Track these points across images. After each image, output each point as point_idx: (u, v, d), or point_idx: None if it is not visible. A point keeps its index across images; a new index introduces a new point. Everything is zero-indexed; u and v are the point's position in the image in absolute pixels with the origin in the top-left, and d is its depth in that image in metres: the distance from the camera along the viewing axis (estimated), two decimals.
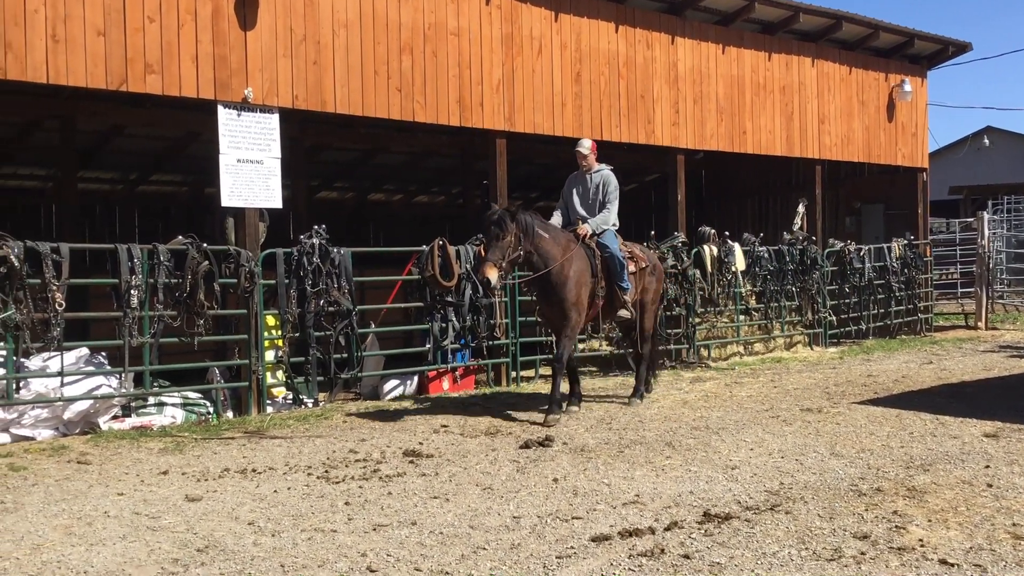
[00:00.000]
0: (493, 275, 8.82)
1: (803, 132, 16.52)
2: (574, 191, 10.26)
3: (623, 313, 10.01)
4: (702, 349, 14.34)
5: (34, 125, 14.58)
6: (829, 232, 18.25)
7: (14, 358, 8.75)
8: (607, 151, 18.55)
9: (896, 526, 5.44)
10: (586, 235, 9.77)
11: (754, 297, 15.35)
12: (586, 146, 10.24)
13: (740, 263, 14.65)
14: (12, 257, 8.54)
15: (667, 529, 5.41)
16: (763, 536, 5.27)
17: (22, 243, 8.70)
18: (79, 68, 9.17)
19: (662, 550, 5.00)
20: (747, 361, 14.62)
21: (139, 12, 9.48)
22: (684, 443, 7.97)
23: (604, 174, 10.12)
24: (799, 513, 5.74)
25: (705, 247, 14.27)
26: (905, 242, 17.79)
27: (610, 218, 10.02)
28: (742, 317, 15.04)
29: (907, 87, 18.04)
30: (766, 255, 15.25)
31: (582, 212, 10.10)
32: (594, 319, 10.00)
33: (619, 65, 13.71)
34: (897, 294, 17.52)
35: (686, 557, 4.91)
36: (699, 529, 5.40)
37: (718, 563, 4.82)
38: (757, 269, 15.11)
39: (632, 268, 10.09)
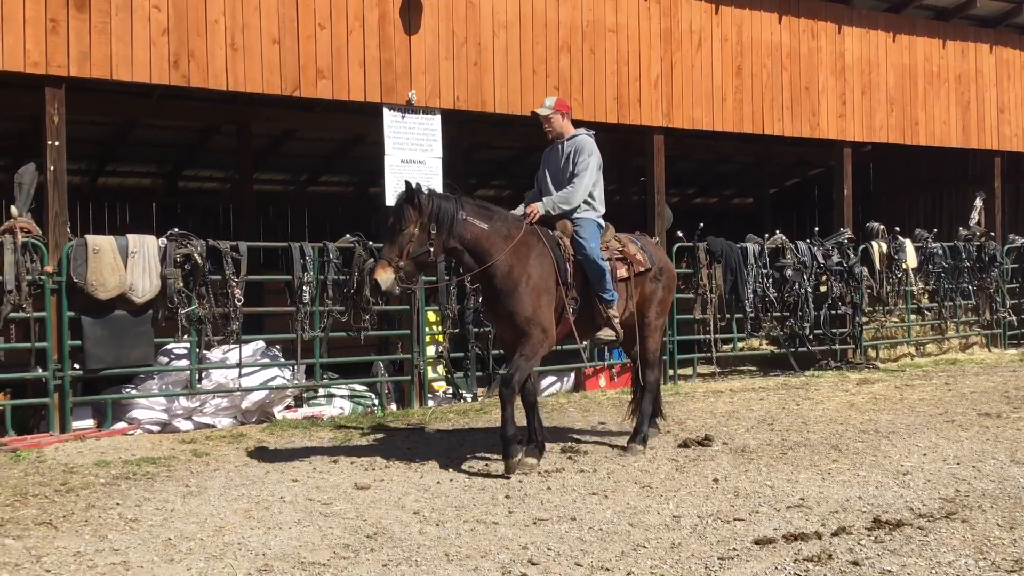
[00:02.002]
0: (382, 276, 6.76)
1: (980, 122, 15.65)
2: (546, 170, 7.86)
3: (604, 334, 7.58)
4: (870, 350, 13.82)
5: (213, 130, 15.43)
6: (1009, 227, 17.21)
7: (197, 350, 9.30)
8: (769, 144, 18.26)
9: None
10: (534, 216, 7.40)
11: (927, 296, 14.67)
12: (548, 105, 7.86)
13: (911, 260, 14.04)
14: (196, 255, 9.10)
15: (834, 534, 5.25)
16: (937, 545, 5.04)
17: (204, 242, 9.25)
18: (255, 75, 9.66)
19: (829, 556, 4.86)
20: (919, 363, 13.99)
21: (311, 20, 9.89)
22: (851, 447, 7.71)
23: (578, 140, 7.71)
24: (976, 522, 5.47)
25: (873, 243, 13.75)
26: None
27: (575, 195, 7.48)
28: (913, 317, 14.40)
29: None
30: (940, 252, 14.54)
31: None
32: (564, 338, 7.53)
33: (782, 57, 13.36)
34: None
35: (855, 564, 4.76)
36: (869, 535, 5.22)
37: (889, 571, 4.65)
38: (930, 266, 14.43)
39: (623, 273, 7.68)
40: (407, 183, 7.02)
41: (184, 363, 9.41)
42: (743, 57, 12.99)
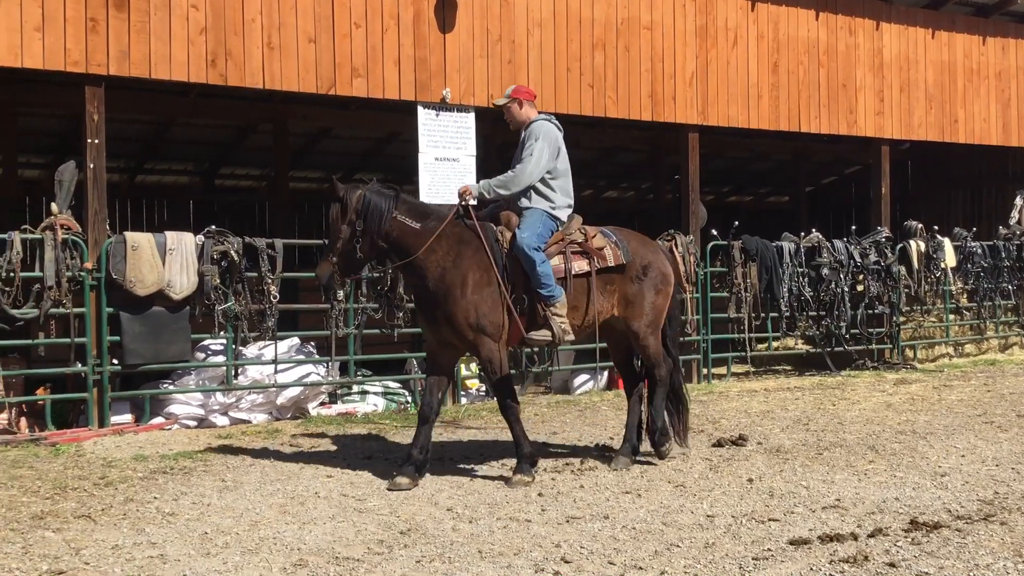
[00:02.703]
0: (318, 271, 6.89)
1: (1021, 120, 15.42)
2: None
3: (538, 334, 6.78)
4: (907, 350, 13.67)
5: (250, 128, 15.56)
6: None
7: (233, 346, 9.39)
8: (805, 142, 18.10)
9: None
10: (466, 196, 6.88)
11: (965, 295, 14.49)
12: (507, 93, 7.31)
13: (950, 259, 13.87)
14: (232, 252, 9.19)
15: (871, 536, 5.20)
16: (975, 547, 4.98)
17: (241, 239, 9.34)
18: (292, 74, 9.73)
19: (865, 557, 4.81)
20: (957, 363, 13.82)
21: (347, 18, 9.95)
22: (888, 447, 7.63)
23: (532, 126, 7.05)
24: (1015, 524, 5.39)
25: (911, 242, 13.61)
26: None
27: (515, 180, 6.86)
28: (952, 316, 14.22)
29: None
30: (979, 251, 14.36)
31: None
32: (518, 341, 6.93)
33: (819, 53, 13.24)
34: None
35: (891, 565, 4.71)
36: (905, 537, 5.16)
37: (926, 573, 4.60)
38: (969, 266, 14.26)
39: (583, 267, 6.93)
40: (331, 179, 6.93)
41: (220, 359, 9.51)
42: (779, 54, 12.89)
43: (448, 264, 6.64)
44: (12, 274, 8.43)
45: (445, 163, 10.51)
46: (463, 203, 6.85)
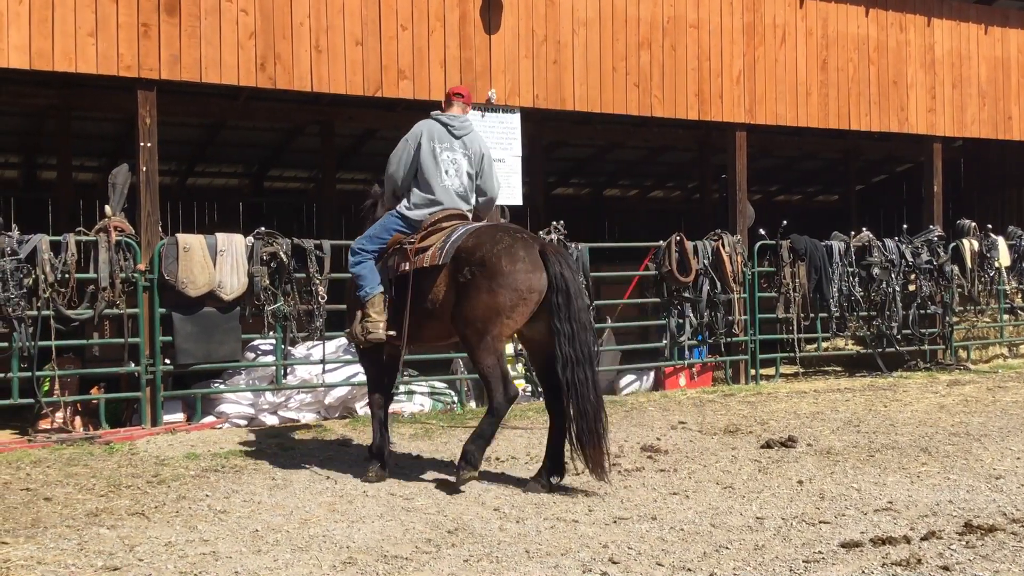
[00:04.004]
0: None
1: None
2: None
3: (346, 333, 7.14)
4: (960, 350, 13.44)
5: (297, 130, 15.73)
6: None
7: (282, 346, 9.49)
8: (855, 140, 17.87)
9: None
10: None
11: (1020, 295, 14.21)
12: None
13: (1004, 258, 13.62)
14: (281, 253, 9.29)
15: (924, 539, 5.11)
16: None
17: (289, 240, 9.44)
18: (339, 76, 9.82)
19: (919, 560, 4.74)
20: (1012, 364, 13.55)
21: (393, 21, 10.02)
22: (942, 449, 7.50)
23: None
24: None
25: (964, 241, 13.38)
26: None
27: (385, 187, 7.20)
28: (1006, 316, 13.96)
29: None
30: None
31: None
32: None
33: (869, 50, 13.06)
34: None
35: (945, 569, 4.63)
36: (959, 540, 5.08)
37: None
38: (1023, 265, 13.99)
39: (403, 268, 6.58)
40: (375, 182, 7.45)
41: (270, 359, 9.61)
42: (828, 51, 12.75)
43: None
44: (67, 275, 8.61)
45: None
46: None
